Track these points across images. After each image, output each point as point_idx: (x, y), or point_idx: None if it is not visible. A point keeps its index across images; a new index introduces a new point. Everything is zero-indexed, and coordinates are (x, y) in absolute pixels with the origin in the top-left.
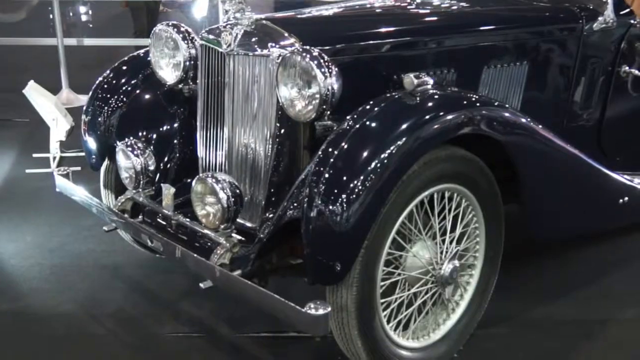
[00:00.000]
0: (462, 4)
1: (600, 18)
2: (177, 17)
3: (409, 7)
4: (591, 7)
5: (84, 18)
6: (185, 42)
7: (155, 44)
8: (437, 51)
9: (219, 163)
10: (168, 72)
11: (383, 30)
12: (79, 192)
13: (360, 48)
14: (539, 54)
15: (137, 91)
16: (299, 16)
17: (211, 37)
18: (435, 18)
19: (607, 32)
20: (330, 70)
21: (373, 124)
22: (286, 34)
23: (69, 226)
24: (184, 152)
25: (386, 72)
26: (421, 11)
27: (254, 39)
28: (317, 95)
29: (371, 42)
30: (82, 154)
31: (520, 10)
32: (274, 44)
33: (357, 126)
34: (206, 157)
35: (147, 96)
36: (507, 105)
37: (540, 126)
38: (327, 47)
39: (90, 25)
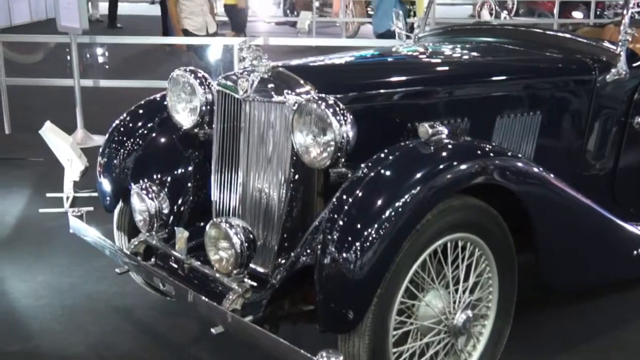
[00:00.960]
0: (474, 53)
1: (613, 70)
2: (191, 59)
3: (421, 56)
4: (604, 59)
5: (100, 60)
6: (202, 87)
7: (172, 88)
8: (451, 100)
9: (233, 207)
10: (184, 117)
11: (396, 79)
12: (92, 234)
13: (375, 96)
14: (552, 104)
15: (153, 134)
16: (314, 64)
17: (228, 83)
18: (448, 67)
19: (620, 84)
20: (345, 118)
21: (387, 173)
22: (302, 82)
23: (81, 267)
24: (198, 195)
25: (400, 121)
26: (434, 60)
27: (270, 86)
28: (332, 143)
29: (385, 90)
30: (95, 194)
31: (533, 61)
32: (289, 91)
33: (372, 174)
34: (220, 201)
35: (162, 140)
36: (520, 155)
37: (553, 176)
38: (341, 95)
39: (107, 67)
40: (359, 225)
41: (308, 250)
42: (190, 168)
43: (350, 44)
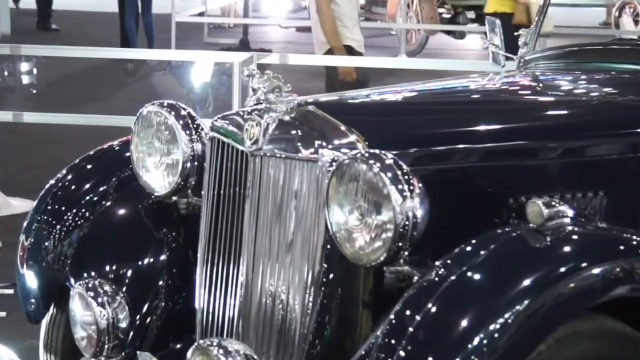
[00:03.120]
0: (609, 89)
1: None
2: (166, 83)
3: (528, 92)
4: None
5: (25, 80)
6: (188, 132)
7: (140, 132)
8: (575, 163)
9: (229, 321)
10: (157, 177)
11: (487, 127)
12: (5, 355)
13: (453, 154)
14: None
15: (107, 204)
16: (360, 101)
17: (229, 127)
18: (570, 111)
19: None
20: (411, 188)
21: (477, 276)
22: (343, 128)
23: None
24: (174, 301)
25: (494, 193)
26: (547, 99)
27: (293, 133)
28: (391, 226)
29: (469, 145)
30: (11, 291)
31: None
32: (324, 143)
33: (452, 278)
34: (209, 310)
35: (121, 212)
36: None
37: None
38: (402, 151)
39: (34, 92)
40: (430, 358)
41: None
42: (162, 257)
43: (415, 65)
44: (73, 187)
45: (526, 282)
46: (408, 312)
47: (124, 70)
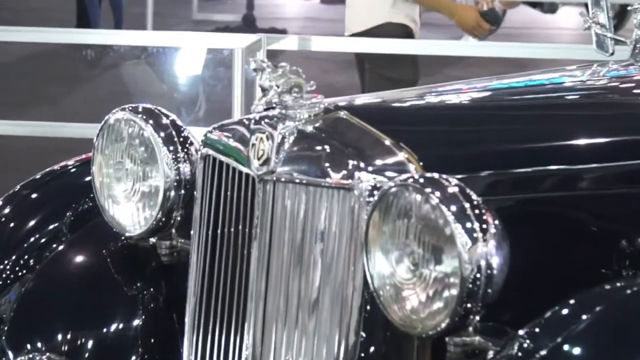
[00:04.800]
0: None
1: None
2: (141, 78)
3: (629, 97)
4: None
5: None
6: (171, 147)
7: (106, 148)
8: None
9: None
10: (129, 210)
11: (589, 142)
12: None
13: (542, 179)
14: None
15: (59, 248)
16: (409, 104)
17: (229, 141)
18: None
19: None
20: (484, 227)
21: (576, 351)
22: (389, 143)
23: None
24: None
25: (598, 233)
26: None
27: (319, 149)
28: (455, 281)
29: (565, 167)
30: None
31: None
32: (362, 163)
33: (543, 354)
34: None
35: (78, 259)
36: None
37: None
38: (468, 175)
39: None
40: None
41: None
42: (136, 322)
43: (486, 51)
44: (12, 224)
45: None
46: None
47: (82, 60)
